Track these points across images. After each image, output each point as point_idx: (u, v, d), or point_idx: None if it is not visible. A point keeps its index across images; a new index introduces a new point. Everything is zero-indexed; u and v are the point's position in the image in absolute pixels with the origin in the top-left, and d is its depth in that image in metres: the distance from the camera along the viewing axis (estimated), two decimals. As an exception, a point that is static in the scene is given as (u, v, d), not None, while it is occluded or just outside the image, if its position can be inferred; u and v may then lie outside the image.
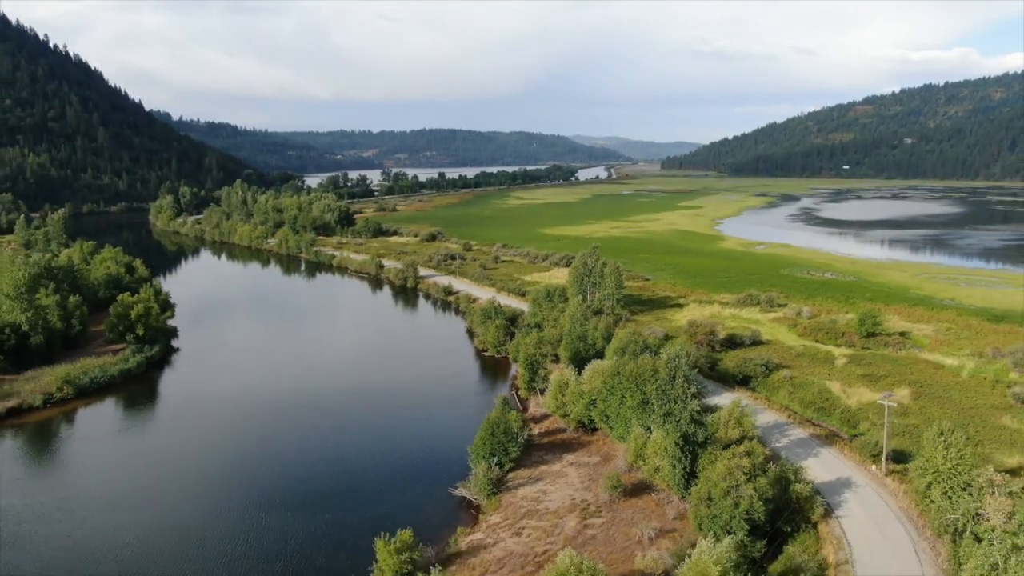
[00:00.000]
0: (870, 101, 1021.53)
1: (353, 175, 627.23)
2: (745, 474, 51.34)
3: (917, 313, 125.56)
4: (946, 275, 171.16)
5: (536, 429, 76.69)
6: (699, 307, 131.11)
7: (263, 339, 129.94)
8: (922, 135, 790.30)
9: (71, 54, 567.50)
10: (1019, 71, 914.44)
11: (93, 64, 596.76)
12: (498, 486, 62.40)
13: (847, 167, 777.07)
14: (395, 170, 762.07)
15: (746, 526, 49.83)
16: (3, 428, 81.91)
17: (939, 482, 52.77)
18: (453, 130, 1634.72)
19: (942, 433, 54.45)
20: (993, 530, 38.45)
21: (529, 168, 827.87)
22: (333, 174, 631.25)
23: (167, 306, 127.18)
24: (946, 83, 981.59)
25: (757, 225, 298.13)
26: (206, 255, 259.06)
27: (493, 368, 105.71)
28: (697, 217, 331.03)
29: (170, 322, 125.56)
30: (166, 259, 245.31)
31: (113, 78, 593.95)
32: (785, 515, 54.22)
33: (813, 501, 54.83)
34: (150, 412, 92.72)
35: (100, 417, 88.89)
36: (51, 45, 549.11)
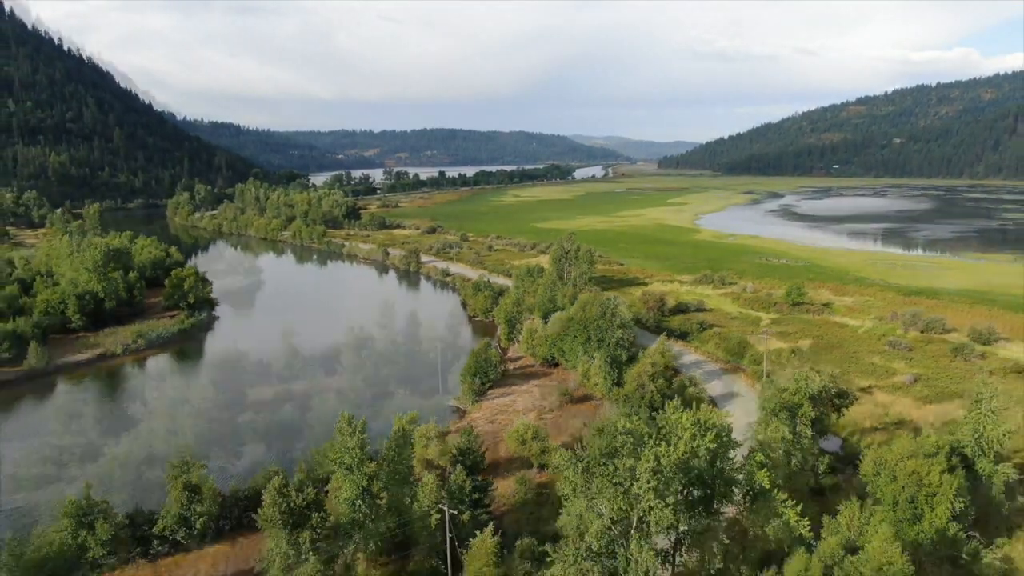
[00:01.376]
0: (863, 101, 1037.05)
1: (356, 174, 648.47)
2: (649, 376, 73.47)
3: (845, 289, 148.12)
4: (888, 261, 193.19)
5: (511, 366, 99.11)
6: (661, 285, 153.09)
7: (289, 309, 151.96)
8: (911, 135, 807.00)
9: (85, 57, 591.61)
10: (1009, 72, 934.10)
11: (105, 67, 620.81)
12: (480, 397, 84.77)
13: (837, 166, 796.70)
14: (397, 169, 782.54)
15: (648, 410, 71.74)
16: (94, 367, 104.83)
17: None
18: (453, 130, 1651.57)
19: (794, 351, 76.66)
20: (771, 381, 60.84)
21: (527, 167, 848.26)
22: (336, 173, 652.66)
23: (206, 282, 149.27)
24: (938, 84, 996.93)
25: (736, 220, 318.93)
26: (226, 246, 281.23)
27: (482, 328, 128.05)
28: (680, 212, 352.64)
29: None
30: (189, 249, 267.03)
31: (119, 80, 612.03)
32: (682, 410, 76.43)
33: (702, 399, 76.92)
34: (205, 358, 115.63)
35: (166, 361, 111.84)
36: (65, 48, 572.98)
